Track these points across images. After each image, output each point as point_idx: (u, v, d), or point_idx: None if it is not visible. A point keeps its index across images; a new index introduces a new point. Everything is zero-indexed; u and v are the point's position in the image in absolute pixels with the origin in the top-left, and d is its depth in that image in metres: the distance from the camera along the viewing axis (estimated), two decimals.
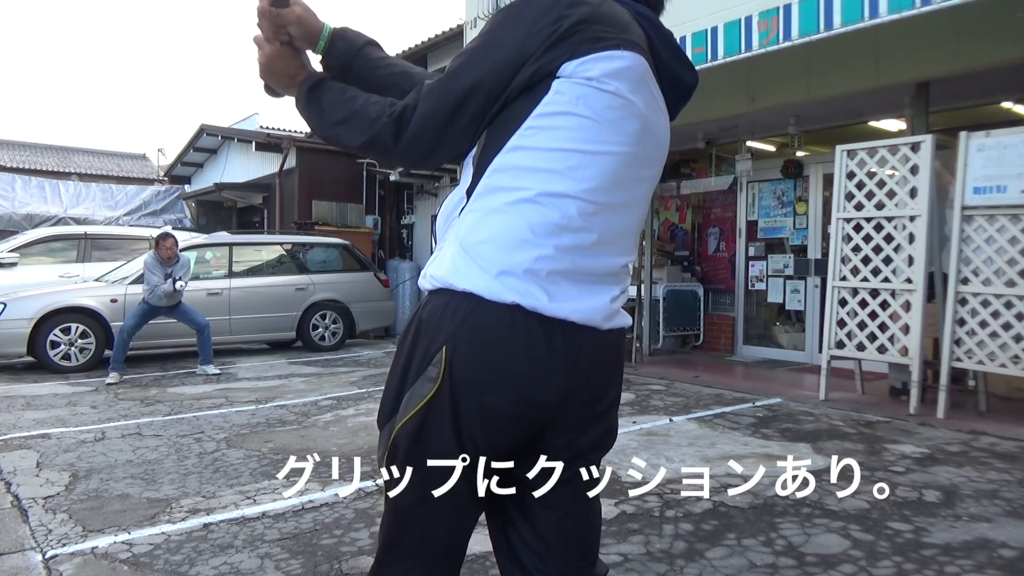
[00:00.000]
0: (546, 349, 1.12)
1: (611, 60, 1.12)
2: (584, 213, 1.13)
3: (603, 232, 1.16)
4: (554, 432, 1.20)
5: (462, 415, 1.12)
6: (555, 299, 1.11)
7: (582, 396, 1.19)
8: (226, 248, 8.97)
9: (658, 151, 1.25)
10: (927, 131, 5.45)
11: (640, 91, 1.16)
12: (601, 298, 1.18)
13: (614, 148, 1.14)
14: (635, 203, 1.23)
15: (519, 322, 1.10)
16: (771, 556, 2.63)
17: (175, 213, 15.77)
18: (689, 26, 5.80)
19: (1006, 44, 5.03)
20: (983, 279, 4.80)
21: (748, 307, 8.22)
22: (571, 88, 1.11)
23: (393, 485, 1.17)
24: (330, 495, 3.36)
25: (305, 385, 6.54)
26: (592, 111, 1.12)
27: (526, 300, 1.09)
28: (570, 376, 1.15)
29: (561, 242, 1.12)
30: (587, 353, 1.17)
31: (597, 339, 1.18)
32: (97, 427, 4.85)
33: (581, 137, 1.12)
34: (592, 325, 1.16)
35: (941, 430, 4.56)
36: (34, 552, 2.75)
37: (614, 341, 1.24)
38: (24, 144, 22.35)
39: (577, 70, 1.11)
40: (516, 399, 1.12)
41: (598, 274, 1.18)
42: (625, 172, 1.17)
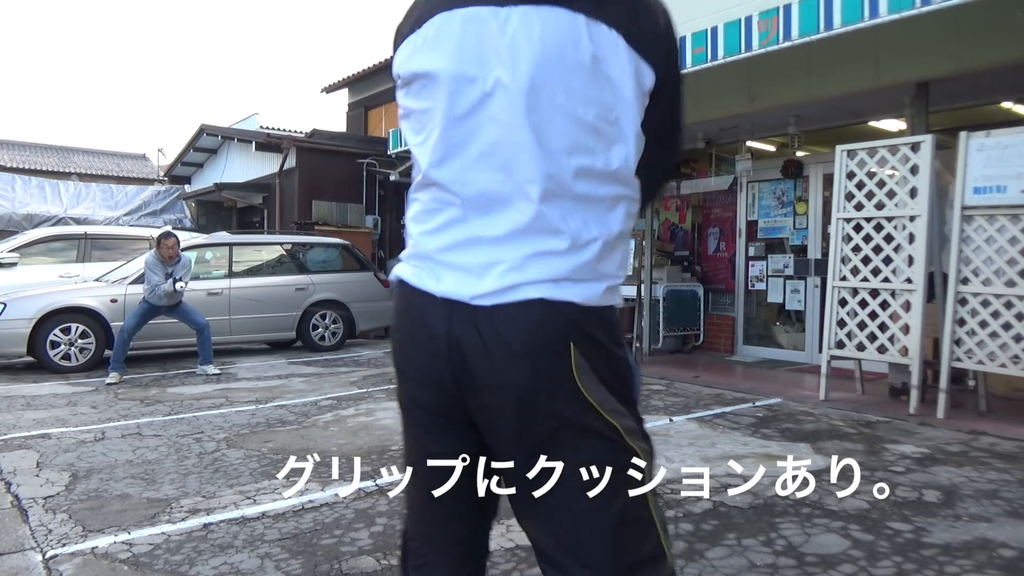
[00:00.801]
0: (419, 321, 1.17)
1: (407, 45, 1.20)
2: (436, 192, 1.18)
3: (449, 202, 1.17)
4: (485, 429, 1.18)
5: (397, 365, 1.28)
6: (429, 277, 1.17)
7: (480, 382, 1.12)
8: (226, 248, 8.96)
9: (490, 71, 1.11)
10: (927, 131, 5.46)
11: (437, 46, 1.15)
12: (465, 274, 1.12)
13: (439, 118, 1.16)
14: (483, 153, 1.13)
15: (403, 295, 1.22)
16: (771, 556, 2.63)
17: (175, 213, 15.77)
18: (689, 26, 5.80)
19: (1006, 44, 5.03)
20: (983, 279, 4.80)
21: (748, 307, 8.22)
22: (398, 91, 1.25)
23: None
24: (330, 495, 3.36)
25: (305, 385, 6.54)
26: (412, 100, 1.20)
27: (410, 279, 1.20)
28: (454, 331, 1.12)
29: (419, 224, 1.21)
30: (458, 328, 1.12)
31: (488, 314, 1.10)
32: (97, 427, 4.86)
33: (416, 125, 1.22)
34: (462, 300, 1.11)
35: (941, 430, 4.56)
36: (34, 552, 2.75)
37: (520, 318, 1.09)
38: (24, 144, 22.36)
39: (397, 70, 1.24)
40: (399, 359, 1.25)
41: (460, 245, 1.14)
42: (459, 128, 1.14)
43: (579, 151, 1.11)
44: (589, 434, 1.13)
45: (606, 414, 1.13)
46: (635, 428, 1.18)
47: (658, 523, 1.20)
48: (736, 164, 7.99)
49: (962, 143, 4.89)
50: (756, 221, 8.09)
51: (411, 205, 1.26)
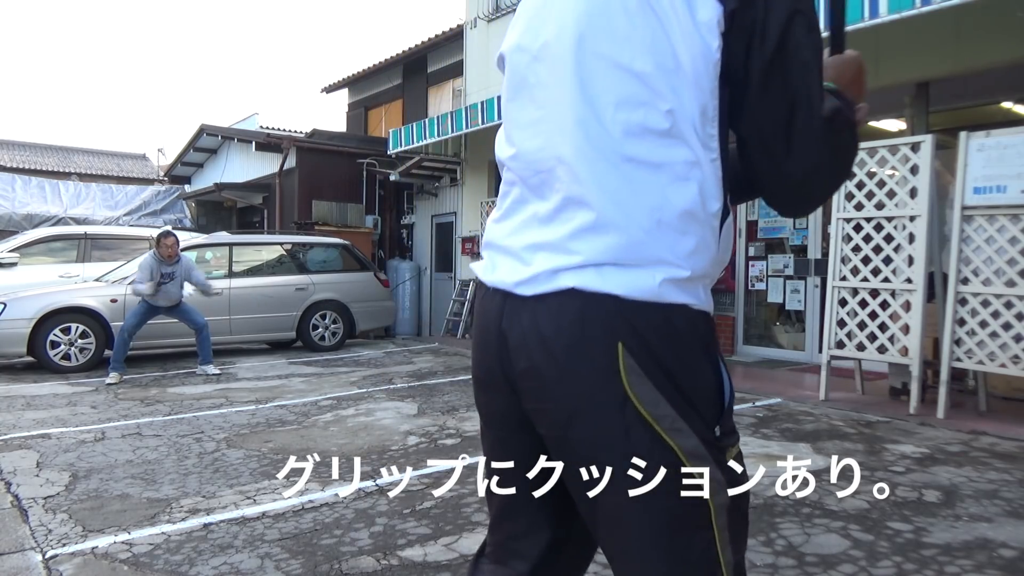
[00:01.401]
0: (479, 315, 1.11)
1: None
2: (505, 176, 1.12)
3: (508, 193, 1.10)
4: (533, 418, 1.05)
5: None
6: (485, 262, 1.12)
7: (524, 361, 0.99)
8: (226, 248, 8.97)
9: (536, 32, 1.04)
10: (927, 131, 5.46)
11: (512, 28, 1.12)
12: (508, 265, 1.04)
13: (505, 101, 1.12)
14: (540, 108, 1.02)
15: (476, 287, 1.21)
16: (771, 556, 2.63)
17: (175, 213, 15.78)
18: None
19: (1006, 44, 5.03)
20: (983, 279, 4.80)
21: (748, 307, 8.22)
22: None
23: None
24: (330, 495, 3.36)
25: (305, 385, 6.54)
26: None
27: (476, 266, 1.14)
28: (497, 348, 1.04)
29: (496, 207, 1.14)
30: (507, 322, 1.01)
31: (527, 304, 0.98)
32: (97, 427, 4.85)
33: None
34: (500, 287, 1.03)
35: (941, 430, 4.56)
36: (34, 552, 2.75)
37: (544, 316, 0.96)
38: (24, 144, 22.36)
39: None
40: (473, 365, 1.16)
41: (503, 236, 1.08)
42: (515, 103, 1.08)
43: (629, 105, 0.92)
44: (637, 452, 0.92)
45: (662, 431, 0.92)
46: (702, 452, 0.94)
47: (724, 567, 0.95)
48: None
49: (962, 143, 4.89)
50: (756, 221, 8.09)
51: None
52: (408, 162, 11.27)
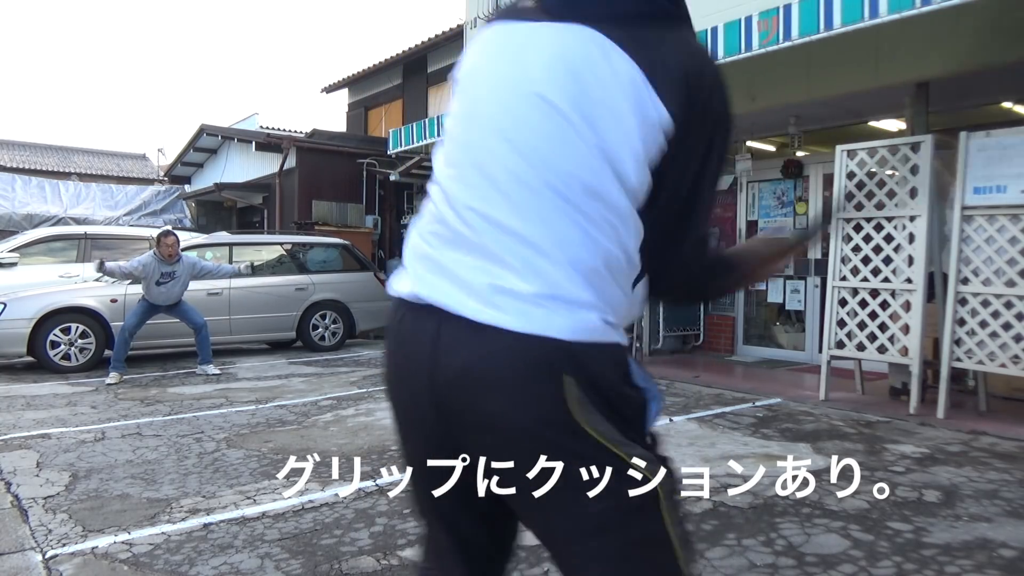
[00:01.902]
0: (413, 322, 1.10)
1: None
2: (446, 198, 1.10)
3: (461, 212, 1.07)
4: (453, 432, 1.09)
5: (385, 384, 1.23)
6: (411, 281, 1.11)
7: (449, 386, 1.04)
8: (226, 248, 8.97)
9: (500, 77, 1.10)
10: (927, 131, 5.45)
11: (473, 56, 1.17)
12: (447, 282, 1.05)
13: (452, 127, 1.16)
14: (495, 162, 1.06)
15: (396, 303, 1.15)
16: (771, 556, 2.63)
17: (175, 213, 15.78)
18: None
19: (1006, 44, 5.03)
20: (983, 279, 4.80)
21: (748, 307, 8.22)
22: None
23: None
24: (330, 495, 3.36)
25: (305, 385, 6.54)
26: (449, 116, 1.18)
27: (393, 286, 1.15)
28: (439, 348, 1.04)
29: (423, 235, 1.13)
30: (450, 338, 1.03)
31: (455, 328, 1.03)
32: (97, 427, 4.86)
33: (443, 144, 1.18)
34: (436, 305, 1.04)
35: (941, 430, 4.56)
36: (34, 552, 2.75)
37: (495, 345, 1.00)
38: (24, 144, 22.36)
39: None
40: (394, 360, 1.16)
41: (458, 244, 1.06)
42: (462, 139, 1.12)
43: (569, 163, 1.03)
44: (586, 462, 1.02)
45: (608, 443, 1.03)
46: (646, 456, 1.09)
47: (676, 543, 1.09)
48: (736, 164, 7.99)
49: (962, 143, 4.89)
50: (756, 221, 8.09)
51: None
52: (408, 162, 11.28)
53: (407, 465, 1.21)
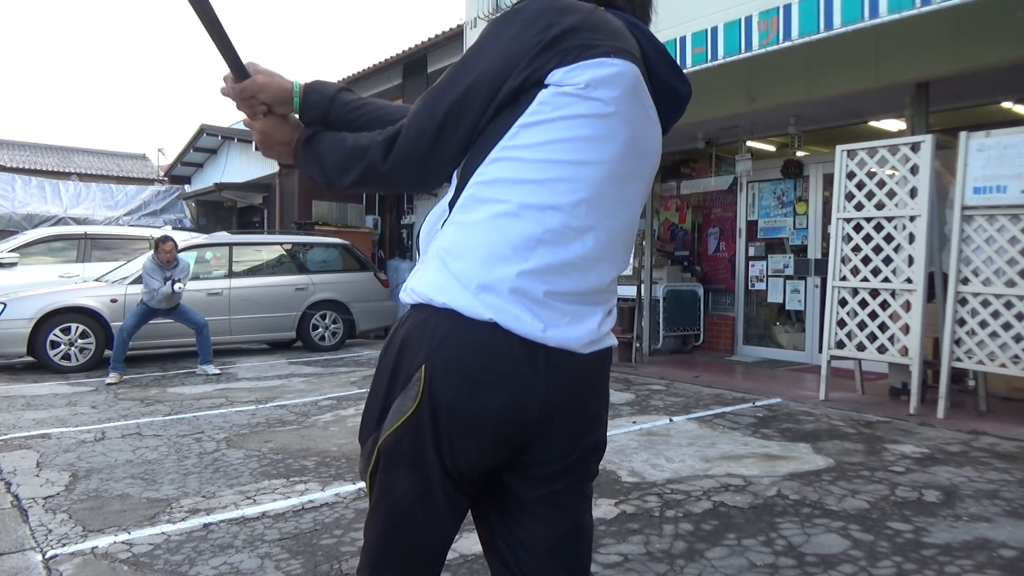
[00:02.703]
0: (528, 370, 1.09)
1: (600, 67, 1.09)
2: (568, 227, 1.10)
3: (589, 246, 1.12)
4: (537, 448, 1.17)
5: (442, 433, 1.10)
6: (537, 320, 1.08)
7: (564, 415, 1.16)
8: (226, 248, 8.97)
9: (648, 163, 1.21)
10: (927, 131, 5.46)
11: (631, 100, 1.13)
12: (587, 325, 1.14)
13: (600, 158, 1.11)
14: (624, 215, 1.18)
15: (499, 341, 1.07)
16: (771, 556, 2.63)
17: (175, 213, 15.78)
18: (689, 26, 5.80)
19: (1006, 44, 5.02)
20: (983, 279, 4.80)
21: (748, 307, 8.22)
22: (556, 98, 1.08)
23: (376, 498, 1.19)
24: (330, 495, 3.36)
25: (305, 385, 6.54)
26: (578, 121, 1.09)
27: (503, 319, 1.07)
28: (550, 396, 1.12)
29: (542, 257, 1.08)
30: (568, 374, 1.13)
31: (579, 361, 1.14)
32: (97, 427, 4.86)
33: (565, 148, 1.09)
34: (575, 351, 1.13)
35: (941, 430, 4.55)
36: (34, 552, 2.75)
37: (598, 361, 1.20)
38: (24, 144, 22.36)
39: (565, 78, 1.08)
40: (494, 419, 1.10)
41: (584, 293, 1.14)
42: (612, 184, 1.13)
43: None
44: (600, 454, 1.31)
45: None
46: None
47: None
48: (736, 164, 7.99)
49: (962, 143, 4.89)
50: (756, 221, 8.09)
51: (513, 221, 1.10)
52: None
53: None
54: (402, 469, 1.14)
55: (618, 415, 4.98)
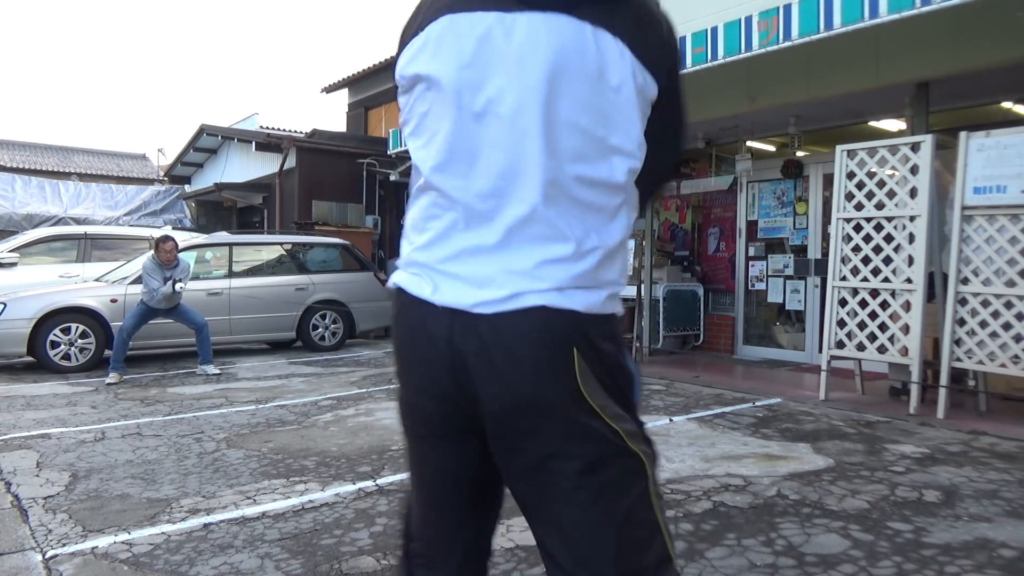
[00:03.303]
0: (419, 330, 1.17)
1: (409, 48, 1.19)
2: (437, 199, 1.17)
3: (454, 208, 1.15)
4: (483, 418, 1.14)
5: (401, 374, 1.25)
6: (427, 282, 1.16)
7: (483, 389, 1.11)
8: (226, 248, 8.96)
9: (499, 77, 1.11)
10: (927, 131, 5.46)
11: (440, 50, 1.14)
12: (465, 284, 1.12)
13: (442, 123, 1.15)
14: (495, 145, 1.11)
15: (405, 305, 1.19)
16: (771, 556, 2.63)
17: (175, 213, 15.77)
18: (689, 26, 5.80)
19: (1006, 44, 5.02)
20: (983, 279, 4.80)
21: (748, 307, 8.22)
22: (400, 95, 1.23)
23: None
24: (330, 495, 3.36)
25: (305, 385, 6.54)
26: (414, 104, 1.20)
27: (407, 284, 1.19)
28: (456, 340, 1.11)
29: (419, 233, 1.20)
30: (475, 336, 1.09)
31: (486, 323, 1.09)
32: (97, 427, 4.86)
33: (417, 129, 1.20)
34: (463, 309, 1.10)
35: (941, 430, 4.56)
36: (34, 552, 2.75)
37: (520, 324, 1.08)
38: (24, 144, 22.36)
39: (399, 73, 1.22)
40: (401, 369, 1.24)
41: (463, 253, 1.13)
42: (463, 134, 1.13)
43: (583, 160, 1.11)
44: (592, 438, 1.12)
45: (608, 418, 1.12)
46: (636, 431, 1.17)
47: (663, 527, 1.18)
48: (736, 164, 7.99)
49: (962, 143, 4.89)
50: (756, 221, 8.09)
51: (410, 210, 1.25)
52: (408, 162, 11.25)
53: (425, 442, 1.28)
54: (399, 411, 1.30)
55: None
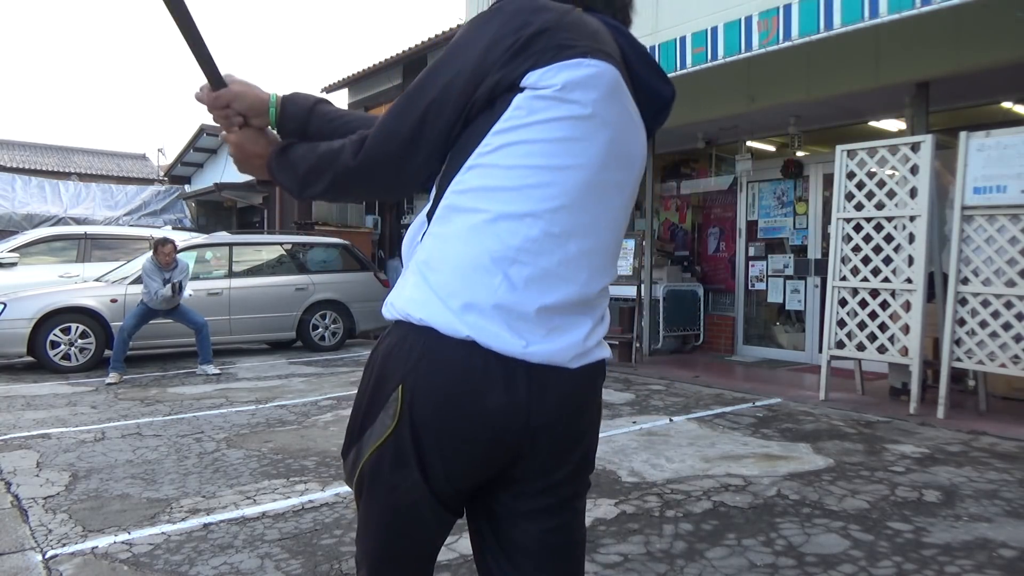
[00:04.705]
0: (505, 391, 1.05)
1: (577, 68, 1.05)
2: (549, 234, 1.05)
3: (572, 253, 1.08)
4: (523, 465, 1.14)
5: (424, 452, 1.08)
6: (517, 336, 1.04)
7: (550, 431, 1.12)
8: (226, 248, 8.97)
9: (632, 168, 1.17)
10: (927, 131, 5.46)
11: (609, 101, 1.09)
12: (572, 336, 1.10)
13: (579, 162, 1.07)
14: (608, 222, 1.14)
15: (477, 361, 1.04)
16: (771, 556, 2.63)
17: (175, 213, 15.78)
18: (689, 26, 5.80)
19: (1006, 44, 5.03)
20: (983, 279, 4.80)
21: (748, 307, 8.22)
22: (532, 101, 1.04)
23: (363, 510, 1.20)
24: (330, 495, 3.36)
25: (305, 385, 6.54)
26: (555, 124, 1.05)
27: (482, 336, 1.03)
28: (533, 415, 1.08)
29: (523, 268, 1.04)
30: (554, 391, 1.09)
31: (566, 376, 1.10)
32: (97, 427, 4.85)
33: (542, 152, 1.05)
34: (561, 366, 1.09)
35: (941, 430, 4.55)
36: (34, 552, 2.75)
37: (588, 375, 1.15)
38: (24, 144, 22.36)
39: (540, 80, 1.04)
40: (475, 439, 1.08)
41: (569, 303, 1.09)
42: (593, 189, 1.09)
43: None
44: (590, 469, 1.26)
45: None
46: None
47: None
48: (736, 164, 7.99)
49: (962, 143, 4.89)
50: (756, 221, 8.09)
51: (496, 231, 1.06)
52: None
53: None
54: (386, 487, 1.13)
55: (618, 415, 4.98)
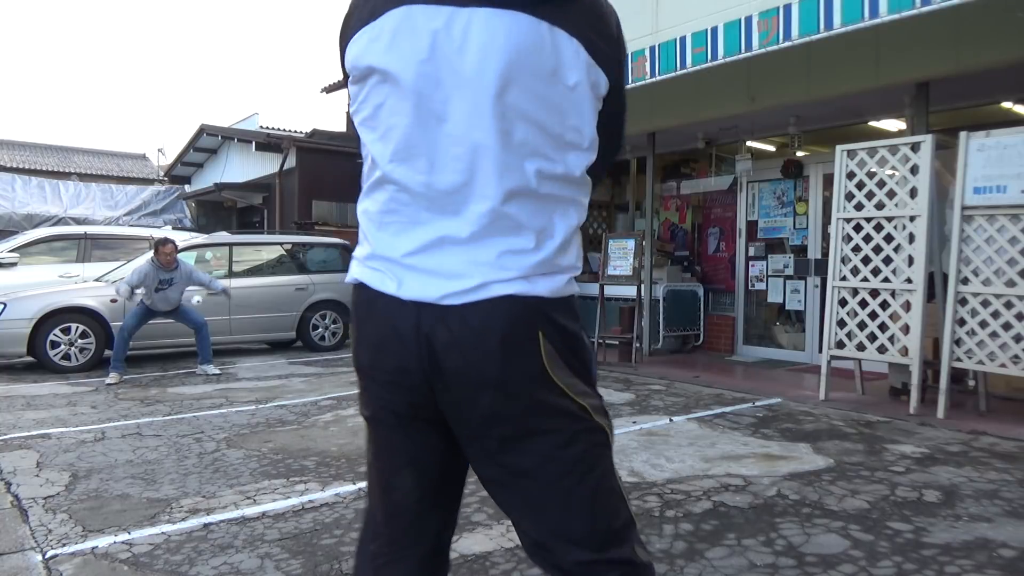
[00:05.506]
0: (385, 324, 1.19)
1: (360, 37, 1.17)
2: (392, 194, 1.19)
3: (418, 189, 1.16)
4: (441, 403, 1.19)
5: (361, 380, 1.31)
6: (391, 278, 1.19)
7: (453, 378, 1.15)
8: (226, 248, 8.97)
9: (456, 74, 1.12)
10: (927, 131, 5.46)
11: (396, 43, 1.13)
12: (438, 276, 1.15)
13: (400, 118, 1.15)
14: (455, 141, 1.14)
15: (366, 299, 1.23)
16: (771, 556, 2.63)
17: (175, 213, 15.78)
18: (689, 26, 5.80)
19: (1006, 44, 5.03)
20: (983, 279, 4.80)
21: (748, 307, 8.22)
22: (351, 83, 1.22)
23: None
24: (330, 495, 3.36)
25: (305, 385, 6.54)
26: (368, 95, 1.18)
27: (369, 279, 1.22)
28: (423, 349, 1.15)
29: (385, 224, 1.21)
30: (442, 327, 1.13)
31: (452, 313, 1.13)
32: (97, 427, 4.85)
33: (371, 121, 1.19)
34: (433, 302, 1.14)
35: (941, 430, 4.56)
36: (34, 552, 2.75)
37: (484, 313, 1.13)
38: (24, 144, 22.35)
39: (350, 63, 1.20)
40: (367, 363, 1.27)
41: (424, 245, 1.16)
42: (422, 129, 1.14)
43: (540, 156, 1.14)
44: (562, 415, 1.18)
45: (575, 396, 1.19)
46: (599, 406, 1.25)
47: (623, 492, 1.28)
48: (736, 164, 7.99)
49: (962, 143, 4.89)
50: (756, 221, 8.09)
51: (364, 203, 1.25)
52: None
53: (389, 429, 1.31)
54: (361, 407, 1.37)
55: (618, 415, 4.98)
